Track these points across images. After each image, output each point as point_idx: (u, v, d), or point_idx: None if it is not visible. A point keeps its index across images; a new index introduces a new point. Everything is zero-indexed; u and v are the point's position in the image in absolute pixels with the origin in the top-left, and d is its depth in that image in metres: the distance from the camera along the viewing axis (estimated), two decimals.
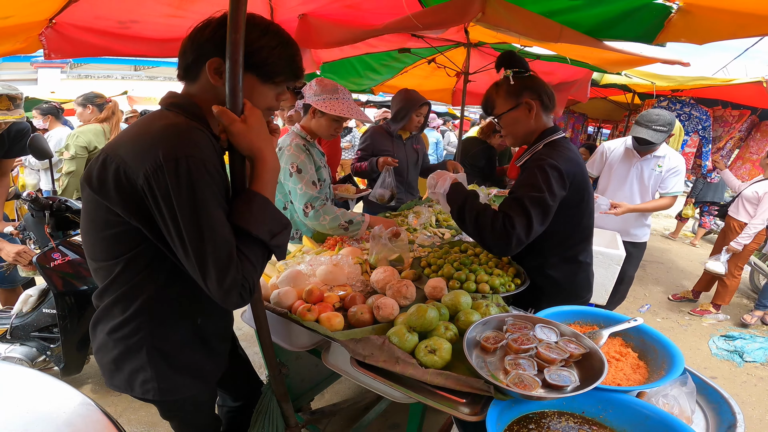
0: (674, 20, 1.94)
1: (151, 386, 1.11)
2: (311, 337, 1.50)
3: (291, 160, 2.05)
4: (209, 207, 0.90)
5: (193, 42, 1.01)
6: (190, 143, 0.91)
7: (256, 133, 0.99)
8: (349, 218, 2.10)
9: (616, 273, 2.62)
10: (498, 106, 1.64)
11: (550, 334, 1.27)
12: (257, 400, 1.64)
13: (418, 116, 3.06)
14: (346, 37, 2.43)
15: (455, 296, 1.42)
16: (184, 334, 1.14)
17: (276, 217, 1.01)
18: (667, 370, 1.22)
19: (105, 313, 1.10)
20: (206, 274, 0.92)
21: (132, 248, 1.01)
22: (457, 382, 1.11)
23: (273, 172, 1.03)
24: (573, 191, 1.57)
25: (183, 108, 1.02)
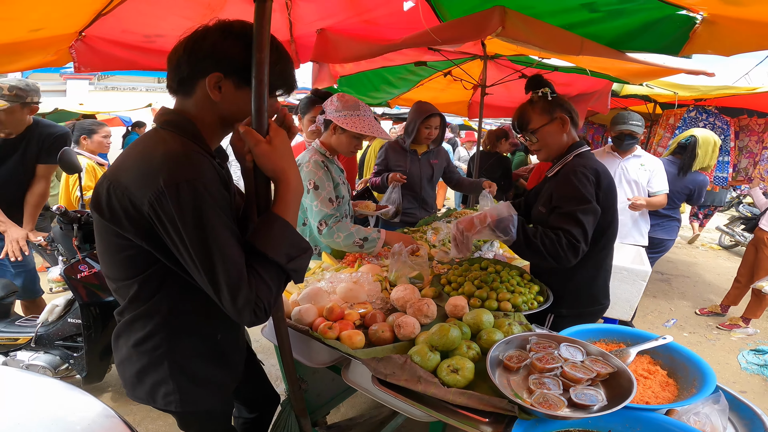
0: (699, 31, 1.92)
1: (173, 398, 1.12)
2: (331, 354, 1.49)
3: (309, 176, 2.06)
4: (216, 229, 0.90)
5: (190, 55, 0.97)
6: (191, 167, 0.90)
7: (280, 155, 0.98)
8: (364, 235, 2.08)
9: (641, 289, 2.56)
10: (533, 121, 1.74)
11: (575, 353, 1.24)
12: (272, 412, 1.67)
13: (427, 128, 3.00)
14: (364, 52, 2.45)
15: (477, 315, 1.40)
16: (203, 348, 1.16)
17: (295, 242, 1.00)
18: (699, 387, 1.19)
19: (126, 328, 1.11)
20: (219, 293, 0.92)
21: (146, 269, 1.02)
22: (480, 401, 1.10)
23: (296, 195, 1.02)
24: (603, 197, 1.65)
25: (178, 126, 0.99)
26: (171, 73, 1.01)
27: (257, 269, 0.95)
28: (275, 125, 1.00)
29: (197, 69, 0.97)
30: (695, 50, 1.95)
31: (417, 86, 4.53)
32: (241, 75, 0.96)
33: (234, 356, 1.27)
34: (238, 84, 0.98)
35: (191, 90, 1.00)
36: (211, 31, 0.97)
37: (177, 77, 1.00)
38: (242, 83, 0.97)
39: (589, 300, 1.85)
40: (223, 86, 0.97)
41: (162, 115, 1.02)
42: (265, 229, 0.97)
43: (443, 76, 4.10)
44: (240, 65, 0.96)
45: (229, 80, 0.97)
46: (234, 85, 0.98)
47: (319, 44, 2.71)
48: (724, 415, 1.13)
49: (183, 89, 1.01)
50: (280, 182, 1.00)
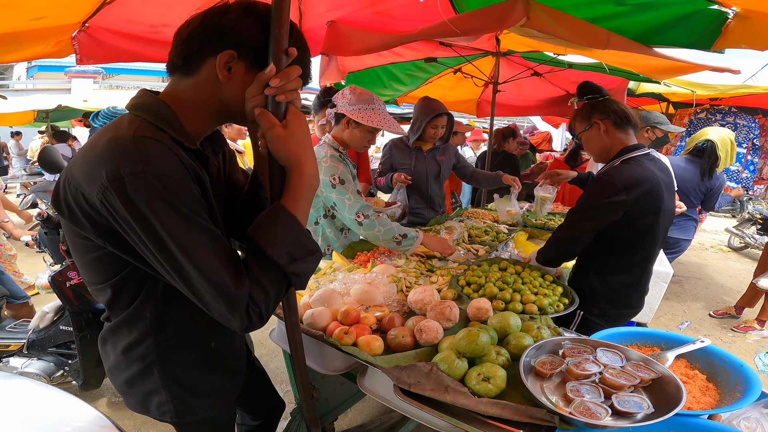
0: (732, 26, 1.86)
1: (167, 409, 1.05)
2: (346, 360, 1.41)
3: (331, 171, 1.96)
4: (178, 228, 0.77)
5: (206, 28, 0.85)
6: (139, 157, 0.76)
7: (297, 141, 0.87)
8: (404, 232, 1.99)
9: (662, 291, 2.48)
10: (576, 127, 1.88)
11: (614, 358, 1.16)
12: (277, 419, 1.59)
13: (434, 128, 2.84)
14: (377, 44, 2.36)
15: (504, 318, 1.31)
16: (196, 356, 1.07)
17: (301, 241, 0.87)
18: (744, 391, 1.13)
19: (111, 334, 1.03)
20: (200, 298, 0.81)
21: (118, 272, 0.91)
22: (515, 412, 1.01)
23: (309, 188, 0.89)
24: (637, 205, 1.63)
25: (149, 110, 0.86)
26: (178, 47, 0.88)
27: (253, 268, 0.83)
28: (294, 109, 0.90)
29: (210, 44, 0.85)
30: (728, 45, 1.88)
31: (426, 83, 4.45)
32: (256, 57, 0.87)
33: (233, 362, 1.18)
34: (250, 66, 0.87)
35: (196, 68, 0.88)
36: (232, 7, 0.87)
37: (184, 52, 0.88)
38: (255, 66, 0.86)
39: (622, 303, 1.82)
40: (234, 67, 0.86)
41: (134, 98, 0.91)
42: (267, 223, 0.85)
43: (453, 74, 4.02)
44: (257, 47, 0.86)
45: (241, 61, 0.87)
46: (246, 68, 0.88)
47: (330, 36, 2.62)
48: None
49: (186, 66, 0.89)
50: (293, 171, 0.88)
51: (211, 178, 0.99)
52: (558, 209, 3.44)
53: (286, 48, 0.85)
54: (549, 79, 3.97)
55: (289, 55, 0.86)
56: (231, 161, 1.16)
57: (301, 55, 0.92)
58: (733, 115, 4.43)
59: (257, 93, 0.86)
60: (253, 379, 1.42)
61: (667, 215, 1.75)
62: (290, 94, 0.87)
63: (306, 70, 0.96)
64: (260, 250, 0.84)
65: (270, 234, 0.85)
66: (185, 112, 0.89)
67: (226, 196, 1.10)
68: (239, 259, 0.85)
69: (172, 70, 0.92)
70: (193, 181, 0.84)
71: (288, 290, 0.90)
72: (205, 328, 1.05)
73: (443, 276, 1.86)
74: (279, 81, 0.83)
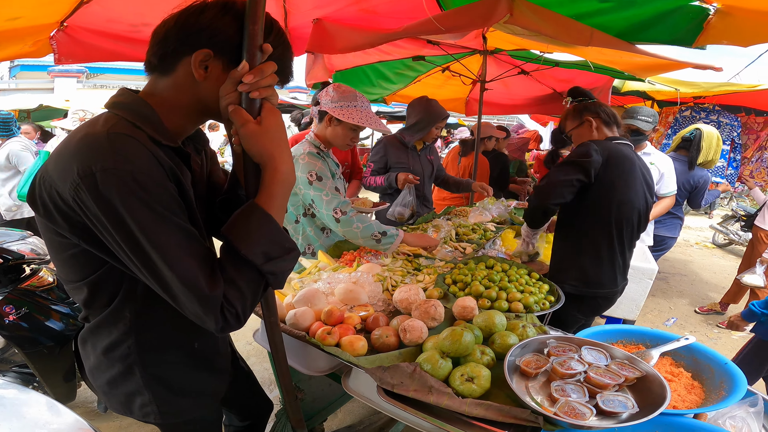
0: (713, 22, 1.87)
1: (150, 409, 1.04)
2: (330, 361, 1.39)
3: (308, 168, 1.93)
4: (151, 227, 0.76)
5: (181, 27, 0.85)
6: (112, 153, 0.76)
7: (270, 138, 0.86)
8: (384, 229, 1.92)
9: (647, 288, 2.50)
10: (567, 125, 2.03)
11: (599, 357, 1.16)
12: (266, 419, 1.58)
13: (438, 129, 2.93)
14: (363, 42, 2.34)
15: (489, 317, 1.30)
16: (179, 356, 1.06)
17: (277, 239, 0.86)
18: (729, 390, 1.14)
19: (91, 334, 1.01)
20: (174, 299, 0.80)
21: (95, 270, 0.90)
22: (499, 412, 1.00)
23: (284, 185, 0.87)
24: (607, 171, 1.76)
25: (127, 108, 0.86)
26: (154, 47, 0.88)
27: (228, 268, 0.82)
28: (269, 105, 0.88)
29: (186, 43, 0.85)
30: (710, 41, 1.90)
31: (414, 82, 4.43)
32: (233, 56, 0.86)
33: (217, 362, 1.17)
34: (228, 65, 0.87)
35: (172, 67, 0.88)
36: (209, 6, 0.87)
37: (160, 51, 0.88)
38: (232, 65, 0.85)
39: (592, 280, 1.88)
40: (211, 66, 0.86)
41: (113, 96, 0.91)
42: (241, 221, 0.84)
43: (441, 72, 4.01)
44: (234, 45, 0.86)
45: (218, 60, 0.87)
46: (223, 66, 0.87)
47: (315, 34, 2.59)
48: (759, 418, 1.07)
49: (163, 65, 0.89)
50: (267, 168, 0.86)
51: (194, 177, 0.99)
52: None
53: (261, 44, 0.84)
54: (536, 77, 3.98)
55: (264, 52, 0.85)
56: (212, 160, 1.16)
57: (280, 52, 0.92)
58: (716, 113, 4.49)
59: (231, 90, 0.85)
60: (239, 379, 1.41)
61: (641, 202, 1.86)
62: (265, 91, 0.85)
63: (285, 68, 0.96)
64: (234, 249, 0.82)
65: (244, 233, 0.83)
66: (165, 110, 0.90)
67: (207, 195, 1.10)
68: (215, 259, 0.84)
69: (150, 69, 0.92)
70: (170, 180, 0.83)
71: (266, 290, 0.89)
72: (188, 327, 1.03)
73: (430, 275, 1.85)
74: (252, 77, 0.82)
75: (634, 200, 1.83)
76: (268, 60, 0.86)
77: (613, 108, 3.69)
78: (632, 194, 1.82)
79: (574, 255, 1.90)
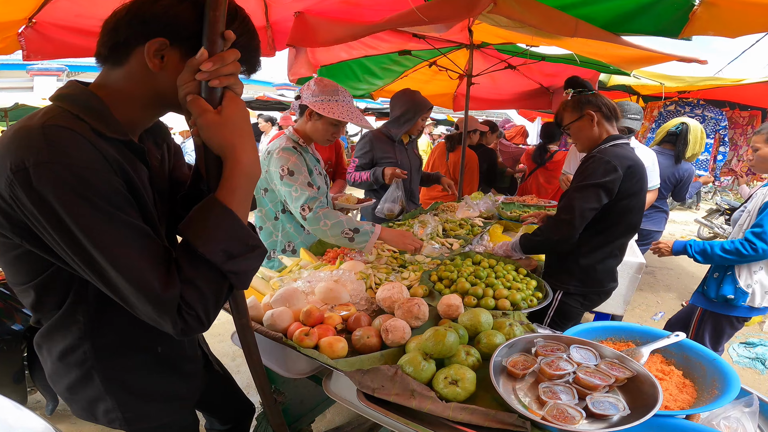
0: (699, 13, 1.84)
1: (115, 416, 1.00)
2: (310, 363, 1.33)
3: (281, 162, 1.85)
4: (94, 225, 0.71)
5: (133, 16, 0.80)
6: (48, 147, 0.70)
7: (231, 128, 0.80)
8: (355, 226, 1.78)
9: (636, 282, 2.48)
10: (565, 118, 1.93)
11: (588, 356, 1.12)
12: (248, 423, 1.55)
13: (423, 120, 2.90)
14: (345, 35, 2.27)
15: (474, 315, 1.25)
16: (142, 360, 1.01)
17: (239, 236, 0.80)
18: (722, 389, 1.10)
19: (44, 339, 0.96)
20: (124, 300, 0.75)
21: (41, 272, 0.85)
22: (485, 417, 0.96)
23: (247, 178, 0.81)
24: (624, 184, 1.72)
25: (72, 100, 0.80)
26: (104, 37, 0.83)
27: (185, 268, 0.76)
28: (231, 94, 0.82)
29: (138, 33, 0.80)
30: (696, 32, 1.87)
31: (401, 77, 4.38)
32: (192, 44, 0.80)
33: (185, 366, 1.12)
34: (186, 54, 0.81)
35: (124, 58, 0.82)
36: None
37: (111, 42, 0.82)
38: (191, 54, 0.79)
39: (595, 282, 1.88)
40: (167, 55, 0.81)
41: (59, 88, 0.85)
42: (199, 217, 0.78)
43: (428, 67, 3.96)
44: (193, 33, 0.80)
45: (175, 49, 0.81)
46: (181, 56, 0.82)
47: (297, 27, 2.52)
48: (754, 418, 1.03)
49: (114, 56, 0.83)
50: (227, 160, 0.80)
51: (152, 172, 0.93)
52: (533, 201, 3.43)
53: (223, 31, 0.78)
54: (523, 71, 3.95)
55: (226, 39, 0.79)
56: (176, 154, 1.11)
57: (245, 40, 0.87)
58: (701, 107, 4.52)
59: (189, 79, 0.79)
60: (215, 383, 1.36)
61: (643, 201, 1.83)
62: (226, 79, 0.79)
63: (251, 57, 0.91)
64: (191, 247, 0.76)
65: (202, 230, 0.77)
66: (117, 102, 0.84)
67: (169, 190, 1.03)
68: (171, 258, 0.78)
69: (101, 60, 0.86)
70: (117, 174, 0.77)
71: (231, 290, 0.83)
72: (149, 331, 0.96)
73: (415, 272, 1.80)
74: (211, 65, 0.76)
75: (642, 206, 1.82)
76: (231, 48, 0.80)
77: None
78: (641, 201, 1.80)
79: (577, 258, 1.85)
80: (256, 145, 0.85)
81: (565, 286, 1.84)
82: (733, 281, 2.19)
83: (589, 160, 1.77)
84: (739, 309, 2.20)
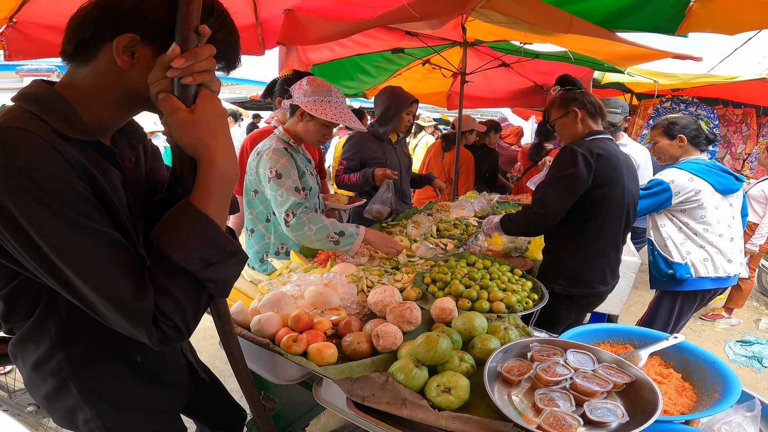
0: (695, 9, 1.84)
1: (95, 425, 0.96)
2: (300, 369, 1.29)
3: (269, 164, 1.81)
4: (57, 231, 0.67)
5: (101, 11, 0.76)
6: (2, 150, 0.66)
7: (204, 127, 0.75)
8: (340, 229, 1.77)
9: (631, 281, 2.46)
10: (552, 114, 1.98)
11: (585, 360, 1.08)
12: (238, 428, 1.50)
13: (408, 114, 2.81)
14: (336, 32, 2.24)
15: (468, 319, 1.22)
16: (121, 370, 0.97)
17: (216, 242, 0.76)
18: (722, 392, 1.07)
19: (18, 349, 0.93)
20: (94, 311, 0.71)
21: (8, 282, 0.81)
22: (479, 426, 0.92)
23: (222, 180, 0.77)
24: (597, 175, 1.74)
25: (34, 100, 0.75)
26: (69, 33, 0.78)
27: (158, 276, 0.72)
28: (207, 92, 0.77)
29: (106, 28, 0.75)
30: (692, 29, 1.86)
31: (394, 75, 4.35)
32: (164, 40, 0.76)
33: (167, 377, 1.08)
34: (158, 50, 0.76)
35: (91, 55, 0.78)
36: None
37: (76, 38, 0.77)
38: (164, 50, 0.75)
39: (582, 281, 1.87)
40: (138, 52, 0.76)
41: (23, 88, 0.80)
42: (172, 223, 0.74)
43: (422, 65, 3.92)
44: (166, 29, 0.76)
45: (146, 45, 0.76)
46: (153, 52, 0.77)
47: (287, 25, 2.48)
48: (756, 423, 1.00)
49: (80, 54, 0.78)
50: (201, 162, 0.76)
51: (125, 175, 0.88)
52: (528, 201, 3.41)
53: (197, 26, 0.74)
54: (517, 69, 3.93)
55: (201, 34, 0.75)
56: (154, 156, 1.06)
57: (223, 35, 0.82)
58: (695, 105, 4.52)
59: (160, 77, 0.74)
60: (202, 390, 1.32)
61: (629, 196, 1.86)
62: (200, 76, 0.75)
63: (229, 53, 0.86)
64: (165, 255, 0.72)
65: (176, 236, 0.72)
66: (85, 101, 0.79)
67: (146, 193, 0.98)
68: (145, 266, 0.74)
69: (67, 58, 0.81)
70: (81, 178, 0.72)
71: (211, 298, 0.79)
72: (126, 340, 0.90)
73: (408, 273, 1.76)
74: (184, 61, 0.72)
75: (621, 197, 1.82)
76: (207, 43, 0.76)
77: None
78: (619, 191, 1.80)
79: (562, 255, 1.88)
80: (232, 145, 0.80)
81: (552, 285, 1.81)
82: (664, 258, 2.36)
83: (560, 153, 1.81)
84: (688, 282, 2.32)
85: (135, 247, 0.76)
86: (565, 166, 1.74)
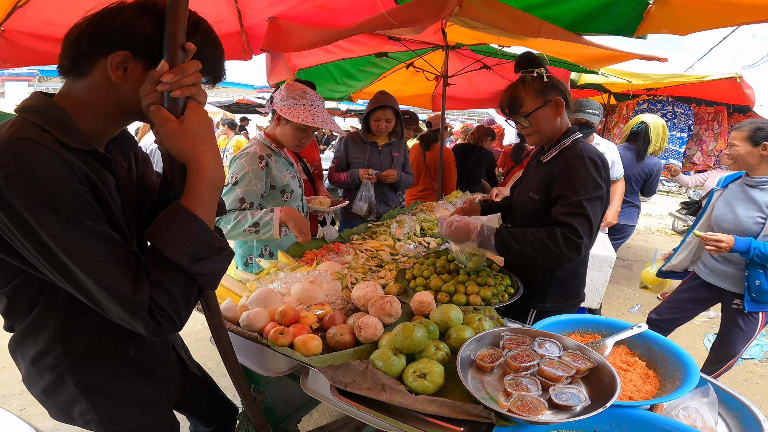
0: (653, 11, 1.91)
1: (90, 418, 1.03)
2: (288, 362, 1.36)
3: (235, 169, 1.88)
4: (62, 230, 0.74)
5: (95, 29, 0.82)
6: (13, 159, 0.73)
7: (192, 137, 0.83)
8: (254, 220, 1.83)
9: (608, 275, 2.57)
10: (526, 104, 1.57)
11: (552, 348, 1.16)
12: (232, 423, 1.57)
13: (376, 121, 2.91)
14: (318, 39, 2.31)
15: (444, 311, 1.29)
16: (115, 365, 1.04)
17: (204, 240, 0.83)
18: (682, 379, 1.14)
19: (17, 345, 1.00)
20: (96, 303, 0.78)
21: (11, 280, 0.89)
22: (452, 409, 0.99)
23: (209, 184, 0.84)
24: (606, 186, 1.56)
25: (36, 112, 0.82)
26: (66, 50, 0.85)
27: (153, 271, 0.80)
28: (194, 104, 0.85)
29: (100, 45, 0.82)
30: (650, 30, 1.94)
31: (379, 79, 4.43)
32: (154, 56, 0.83)
33: (158, 371, 1.15)
34: (148, 66, 0.84)
35: (87, 70, 0.85)
36: (127, 6, 0.84)
37: (72, 54, 0.84)
38: (154, 65, 0.82)
39: (572, 293, 1.78)
40: (130, 67, 0.83)
41: (24, 100, 0.87)
42: (164, 223, 0.82)
43: (405, 68, 4.01)
44: (155, 46, 0.83)
45: (138, 61, 0.84)
46: (144, 67, 0.84)
47: (271, 32, 2.55)
48: (714, 409, 1.08)
49: (76, 69, 0.85)
50: (190, 168, 0.84)
51: (119, 181, 0.96)
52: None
53: (183, 43, 0.81)
54: (498, 71, 4.03)
55: (187, 51, 0.82)
56: (144, 163, 1.14)
57: (208, 51, 0.90)
58: (671, 104, 4.67)
59: (150, 91, 0.82)
60: (193, 385, 1.39)
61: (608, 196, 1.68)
62: (188, 89, 0.82)
63: (214, 67, 0.94)
64: (158, 252, 0.80)
65: (168, 235, 0.81)
66: (81, 113, 0.86)
67: (138, 198, 1.07)
68: (140, 263, 0.81)
69: (63, 72, 0.88)
70: (83, 183, 0.79)
71: (201, 291, 0.87)
72: (119, 335, 1.02)
73: (391, 271, 1.84)
74: (172, 76, 0.79)
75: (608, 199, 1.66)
76: (193, 59, 0.83)
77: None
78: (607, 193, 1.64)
79: (551, 270, 1.70)
80: (218, 152, 0.88)
81: (542, 305, 1.68)
82: None
83: (577, 160, 1.50)
84: None
85: (130, 246, 0.84)
86: (597, 183, 1.47)
